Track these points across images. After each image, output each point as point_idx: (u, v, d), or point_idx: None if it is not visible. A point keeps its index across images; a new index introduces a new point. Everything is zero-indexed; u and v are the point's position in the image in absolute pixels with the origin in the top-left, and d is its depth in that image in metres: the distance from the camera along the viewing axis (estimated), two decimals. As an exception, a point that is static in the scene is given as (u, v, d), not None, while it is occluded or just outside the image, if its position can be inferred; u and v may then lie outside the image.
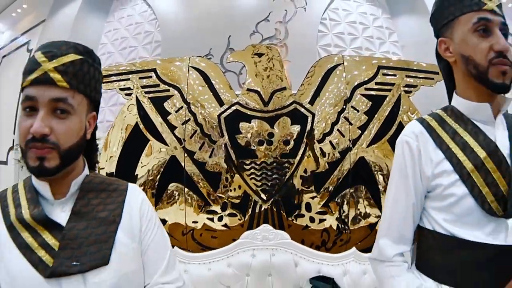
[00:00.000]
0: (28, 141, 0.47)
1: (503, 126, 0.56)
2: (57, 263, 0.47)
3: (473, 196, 0.52)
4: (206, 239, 1.57)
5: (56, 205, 0.53)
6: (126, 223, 0.55)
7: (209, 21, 3.22)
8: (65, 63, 0.49)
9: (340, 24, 3.28)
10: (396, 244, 0.60)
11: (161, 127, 1.61)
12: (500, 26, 0.54)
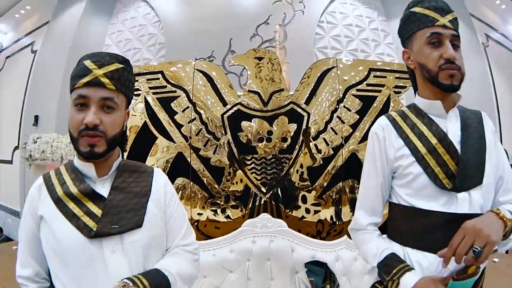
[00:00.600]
0: (81, 130, 0.60)
1: (456, 119, 0.70)
2: (100, 226, 0.60)
3: (427, 174, 0.65)
4: (210, 230, 1.72)
5: (98, 182, 0.66)
6: (154, 197, 0.68)
7: (211, 24, 3.37)
8: (111, 70, 0.63)
9: (337, 26, 3.45)
10: (369, 216, 0.74)
11: (168, 125, 1.77)
12: (450, 37, 0.67)
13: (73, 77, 0.65)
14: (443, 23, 0.66)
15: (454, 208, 0.63)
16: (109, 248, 0.60)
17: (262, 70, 1.78)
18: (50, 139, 2.59)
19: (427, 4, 0.69)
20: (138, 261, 0.62)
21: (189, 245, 0.71)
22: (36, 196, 0.66)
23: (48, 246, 0.62)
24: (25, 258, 0.66)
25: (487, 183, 0.66)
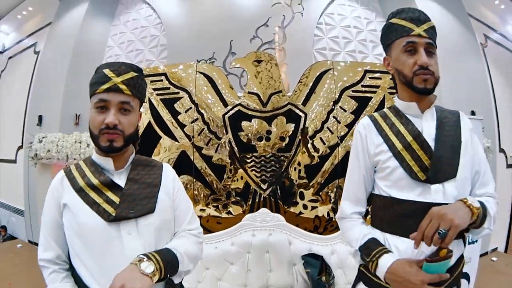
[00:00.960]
0: (101, 129, 0.69)
1: (431, 118, 0.77)
2: (118, 212, 0.69)
3: (403, 167, 0.72)
4: (213, 225, 1.82)
5: (115, 174, 0.75)
6: (164, 187, 0.78)
7: (212, 27, 3.46)
8: (127, 78, 0.73)
9: (335, 28, 3.52)
10: (353, 205, 0.82)
11: (172, 125, 1.87)
12: (425, 45, 0.73)
13: (93, 83, 0.74)
14: (418, 32, 0.73)
15: (428, 198, 0.70)
16: (125, 231, 0.70)
17: (261, 72, 1.88)
18: (55, 138, 2.70)
19: (404, 16, 0.76)
20: (151, 242, 0.71)
21: (194, 230, 0.81)
22: (59, 188, 0.75)
23: (71, 229, 0.71)
24: (48, 242, 0.74)
25: (461, 177, 0.72)
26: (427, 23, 0.74)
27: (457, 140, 0.75)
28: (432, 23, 0.76)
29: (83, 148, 2.57)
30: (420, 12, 0.77)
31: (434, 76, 0.73)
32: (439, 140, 0.73)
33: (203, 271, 1.61)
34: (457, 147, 0.74)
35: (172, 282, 0.72)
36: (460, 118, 0.81)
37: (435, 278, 0.64)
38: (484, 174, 0.77)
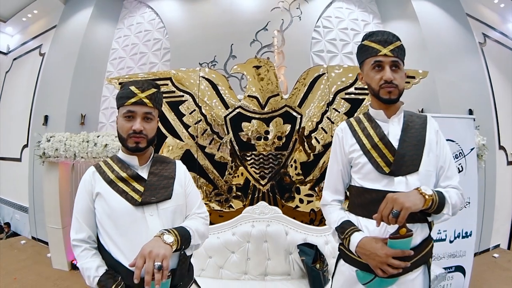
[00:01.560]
0: (129, 133, 0.88)
1: (398, 122, 0.91)
2: (143, 198, 0.86)
3: (371, 163, 0.88)
4: (215, 218, 2.01)
5: (139, 169, 0.93)
6: (177, 179, 0.96)
7: (213, 30, 3.62)
8: (150, 94, 0.92)
9: (332, 30, 3.67)
10: (333, 194, 0.98)
11: (177, 126, 2.05)
12: (390, 63, 0.87)
13: (121, 97, 0.92)
14: (384, 53, 0.87)
15: (392, 188, 0.84)
16: (148, 213, 0.87)
17: (260, 77, 2.06)
18: (63, 138, 2.85)
19: (373, 38, 0.91)
20: (168, 222, 0.89)
21: (202, 213, 0.99)
22: (91, 180, 0.91)
23: (103, 213, 0.87)
24: (80, 225, 0.89)
25: (423, 171, 0.86)
26: (393, 44, 0.89)
27: (421, 140, 0.89)
28: (399, 43, 0.90)
29: (90, 147, 2.72)
30: (389, 35, 0.91)
31: (398, 88, 0.87)
32: (403, 140, 0.88)
33: (206, 259, 1.79)
34: (420, 146, 0.88)
35: (185, 254, 0.90)
36: (427, 121, 0.94)
37: (399, 253, 0.77)
38: (448, 169, 0.90)
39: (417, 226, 0.83)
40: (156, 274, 0.71)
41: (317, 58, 3.62)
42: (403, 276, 0.82)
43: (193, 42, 3.62)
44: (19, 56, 4.93)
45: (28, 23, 4.90)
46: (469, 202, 2.16)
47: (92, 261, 0.85)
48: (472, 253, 2.20)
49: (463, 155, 2.17)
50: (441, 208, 0.81)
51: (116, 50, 3.95)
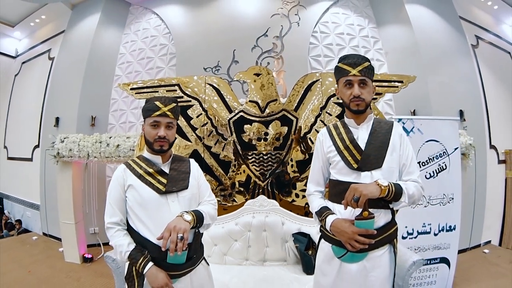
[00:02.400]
0: (155, 139, 1.13)
1: (366, 129, 1.15)
2: (166, 188, 1.11)
3: (343, 161, 1.11)
4: (220, 211, 2.26)
5: (162, 166, 1.17)
6: (192, 173, 1.22)
7: (216, 36, 3.84)
8: (171, 108, 1.16)
9: (329, 36, 3.93)
10: (315, 186, 1.23)
11: (185, 128, 2.34)
12: (358, 82, 1.10)
13: (148, 110, 1.18)
14: (353, 73, 1.11)
15: (359, 180, 1.08)
16: (170, 200, 1.13)
17: (260, 83, 2.34)
18: (77, 139, 3.14)
19: (345, 61, 1.14)
20: (186, 206, 1.14)
21: (211, 200, 1.26)
22: (123, 175, 1.17)
23: (134, 200, 1.12)
24: (114, 211, 1.13)
25: (386, 167, 1.09)
26: (361, 65, 1.11)
27: (386, 142, 1.12)
28: (366, 64, 1.12)
29: (103, 147, 3.01)
30: (358, 58, 1.14)
31: (365, 101, 1.11)
32: (369, 143, 1.13)
33: (212, 247, 2.08)
34: (384, 148, 1.11)
35: (199, 232, 1.18)
36: (393, 127, 1.17)
37: (363, 231, 1.01)
38: (409, 166, 1.12)
39: (380, 211, 1.07)
40: (178, 243, 0.98)
41: (315, 63, 3.88)
42: (372, 252, 1.06)
43: (197, 47, 3.90)
44: (28, 59, 5.24)
45: (36, 28, 5.20)
46: (453, 198, 2.37)
47: (123, 239, 1.09)
48: (456, 246, 2.39)
49: (447, 154, 2.38)
50: (399, 197, 1.03)
51: (123, 55, 4.24)
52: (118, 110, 4.09)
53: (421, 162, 2.31)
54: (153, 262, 1.05)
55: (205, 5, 4.12)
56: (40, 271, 3.05)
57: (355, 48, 3.97)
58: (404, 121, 2.31)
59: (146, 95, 2.47)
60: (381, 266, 1.06)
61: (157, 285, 1.02)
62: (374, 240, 1.03)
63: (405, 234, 2.29)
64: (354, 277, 1.06)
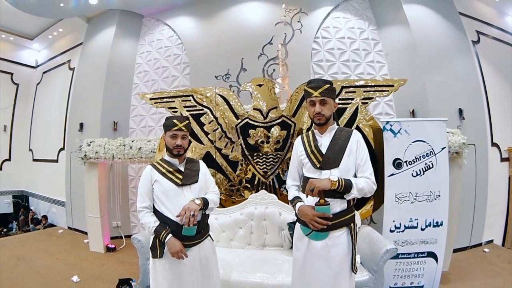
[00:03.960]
0: (174, 147, 1.61)
1: (329, 136, 1.47)
2: (182, 182, 1.60)
3: (310, 162, 1.45)
4: (229, 203, 2.83)
5: (179, 166, 1.66)
6: (201, 171, 1.70)
7: (226, 46, 4.33)
8: (185, 124, 1.63)
9: (330, 40, 4.30)
10: (292, 181, 1.57)
11: (199, 133, 2.88)
12: (319, 101, 1.41)
13: (168, 125, 1.63)
14: (315, 95, 1.43)
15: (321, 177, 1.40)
16: (185, 190, 1.59)
17: (262, 93, 2.84)
18: (102, 142, 3.74)
19: (310, 85, 1.46)
20: (196, 195, 1.58)
21: (215, 191, 1.72)
22: (151, 173, 1.62)
23: (159, 191, 1.58)
24: (143, 198, 1.58)
25: (342, 167, 1.40)
26: (321, 88, 1.43)
27: (343, 147, 1.45)
28: (326, 87, 1.44)
29: (127, 150, 3.60)
30: (319, 82, 1.46)
31: (325, 116, 1.44)
32: (330, 148, 1.46)
33: (220, 233, 2.63)
34: (342, 151, 1.44)
35: (205, 213, 1.61)
36: (352, 134, 1.49)
37: (320, 214, 1.33)
38: (363, 166, 1.42)
39: (336, 201, 1.39)
40: (191, 219, 1.46)
41: (317, 68, 4.25)
42: (332, 232, 1.38)
43: (208, 57, 4.42)
44: (49, 69, 5.96)
45: (54, 40, 5.92)
46: (440, 195, 2.57)
47: (151, 218, 1.56)
48: (443, 241, 2.56)
49: (434, 154, 2.59)
50: (349, 189, 1.35)
51: (140, 65, 4.84)
52: (138, 115, 4.68)
53: (407, 161, 2.56)
54: (172, 234, 1.51)
55: (213, 16, 4.64)
56: (67, 258, 3.62)
57: (356, 51, 4.28)
58: (391, 123, 2.59)
59: (163, 104, 3.04)
60: (340, 244, 1.38)
61: (174, 250, 1.48)
62: (332, 222, 1.35)
63: (392, 228, 2.54)
64: (319, 252, 1.39)
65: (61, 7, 4.47)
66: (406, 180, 2.53)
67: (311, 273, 1.40)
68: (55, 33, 5.73)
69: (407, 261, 2.54)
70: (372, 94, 2.74)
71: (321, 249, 1.38)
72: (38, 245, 4.22)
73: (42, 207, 5.76)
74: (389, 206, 2.54)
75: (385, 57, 4.29)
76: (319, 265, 1.38)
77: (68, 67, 5.44)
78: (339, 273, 1.36)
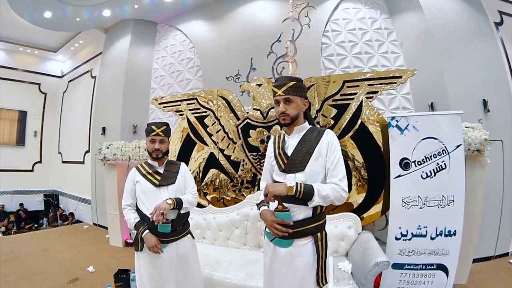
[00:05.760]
0: (153, 150, 1.84)
1: (297, 137, 1.42)
2: (159, 183, 1.81)
3: (277, 164, 1.42)
4: (231, 203, 3.05)
5: (158, 168, 1.89)
6: (180, 173, 1.91)
7: (235, 47, 4.54)
8: (162, 129, 1.87)
9: (341, 33, 4.23)
10: (265, 183, 1.51)
11: (203, 134, 3.13)
12: (283, 100, 1.38)
13: (148, 131, 1.86)
14: (278, 93, 1.40)
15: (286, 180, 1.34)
16: (162, 190, 1.80)
17: (262, 93, 3.01)
18: (119, 145, 4.18)
19: (274, 84, 1.44)
20: (172, 195, 1.76)
21: (192, 191, 1.89)
22: (134, 175, 1.87)
23: (140, 191, 1.82)
24: (127, 197, 1.83)
25: (308, 171, 1.34)
26: (285, 86, 1.40)
27: (311, 149, 1.38)
28: (291, 84, 1.40)
29: (142, 151, 4.01)
30: (283, 79, 1.42)
31: (290, 116, 1.40)
32: (296, 150, 1.41)
33: (217, 232, 2.87)
34: (309, 154, 1.38)
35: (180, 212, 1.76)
36: (324, 134, 1.42)
37: (279, 221, 1.30)
38: (333, 170, 1.35)
39: (299, 207, 1.34)
40: (160, 217, 1.63)
41: (328, 62, 4.23)
42: (296, 241, 1.34)
43: (219, 59, 4.69)
44: (73, 78, 6.70)
45: (76, 51, 6.66)
46: (453, 200, 2.32)
47: (132, 215, 1.79)
48: (457, 253, 2.33)
49: (447, 152, 2.36)
50: (310, 196, 1.28)
51: (156, 70, 5.29)
52: (156, 118, 5.14)
53: (416, 161, 2.39)
54: (149, 230, 1.72)
55: (222, 18, 4.91)
56: (88, 251, 4.15)
57: (368, 42, 4.17)
58: (397, 118, 2.47)
59: (171, 108, 3.35)
60: (304, 254, 1.34)
61: (150, 245, 1.69)
62: (293, 230, 1.30)
63: (398, 235, 2.39)
64: (284, 259, 1.36)
65: (77, 21, 5.01)
66: (414, 183, 2.38)
67: (278, 279, 1.41)
68: (76, 45, 6.43)
69: (413, 272, 2.38)
70: (378, 88, 2.63)
71: (286, 256, 1.35)
72: (63, 239, 4.87)
73: (70, 205, 6.51)
74: (395, 211, 2.42)
75: (400, 47, 4.13)
76: (284, 272, 1.37)
77: (90, 76, 6.07)
78: (304, 284, 1.34)
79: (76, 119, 6.38)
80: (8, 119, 6.65)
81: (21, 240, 4.88)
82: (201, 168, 3.20)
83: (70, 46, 6.51)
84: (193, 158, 3.23)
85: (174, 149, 3.30)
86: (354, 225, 2.50)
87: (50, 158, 7.07)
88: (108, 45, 5.64)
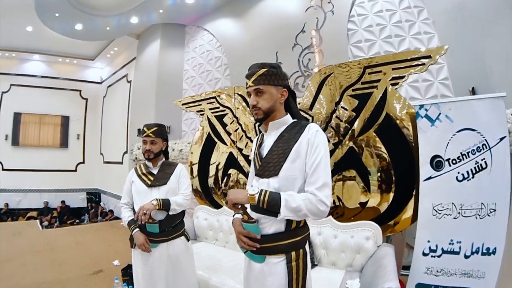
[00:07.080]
0: (145, 151, 1.93)
1: (275, 134, 1.23)
2: (151, 183, 1.90)
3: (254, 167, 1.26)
4: (252, 201, 3.13)
5: (153, 169, 1.98)
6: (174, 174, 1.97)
7: (260, 42, 4.60)
8: (152, 130, 1.94)
9: (367, 17, 3.84)
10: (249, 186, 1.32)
11: (222, 133, 3.27)
12: (254, 91, 1.18)
13: (141, 131, 1.97)
14: (249, 84, 1.21)
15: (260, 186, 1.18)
16: (154, 191, 1.88)
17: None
18: (150, 146, 4.53)
19: (246, 74, 1.24)
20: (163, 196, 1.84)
21: (184, 193, 1.92)
22: (132, 175, 2.00)
23: (134, 190, 1.94)
24: (124, 196, 1.98)
25: (282, 175, 1.14)
26: (255, 74, 1.19)
27: (287, 150, 1.17)
28: (261, 71, 1.19)
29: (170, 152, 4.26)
30: (254, 67, 1.23)
31: (262, 109, 1.19)
32: (271, 151, 1.21)
33: (229, 235, 2.96)
34: (284, 155, 1.16)
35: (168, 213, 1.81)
36: (305, 130, 1.18)
37: (246, 233, 1.16)
38: (311, 176, 1.11)
39: (269, 219, 1.15)
40: (143, 217, 1.69)
41: (356, 50, 3.97)
42: (268, 257, 1.16)
43: (245, 56, 4.81)
44: (112, 84, 7.38)
45: (113, 58, 7.32)
46: (495, 209, 1.92)
47: (127, 213, 1.93)
48: (495, 276, 1.90)
49: (488, 147, 1.97)
50: (277, 208, 1.07)
51: (187, 71, 5.64)
52: (188, 119, 5.49)
53: (451, 160, 2.06)
54: (139, 228, 1.82)
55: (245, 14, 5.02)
56: (118, 246, 4.52)
57: (398, 24, 3.85)
58: (426, 107, 2.17)
59: (192, 108, 3.55)
60: (276, 274, 1.15)
61: (138, 243, 1.79)
62: (261, 245, 1.15)
63: (426, 251, 2.09)
64: (257, 276, 1.21)
65: (107, 30, 5.48)
66: (448, 186, 2.04)
67: None
68: (112, 52, 7.07)
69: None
70: (404, 71, 2.30)
71: (259, 273, 1.20)
72: (98, 234, 5.39)
73: (111, 203, 7.25)
74: (424, 220, 2.11)
75: (433, 26, 3.72)
76: None
77: (126, 80, 6.64)
78: None
79: (115, 122, 7.05)
80: (51, 124, 7.62)
81: (60, 233, 5.49)
82: (220, 167, 3.35)
83: (106, 54, 7.18)
84: (213, 158, 3.38)
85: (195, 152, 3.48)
86: (374, 236, 2.25)
87: (92, 159, 7.91)
88: (141, 50, 6.11)
